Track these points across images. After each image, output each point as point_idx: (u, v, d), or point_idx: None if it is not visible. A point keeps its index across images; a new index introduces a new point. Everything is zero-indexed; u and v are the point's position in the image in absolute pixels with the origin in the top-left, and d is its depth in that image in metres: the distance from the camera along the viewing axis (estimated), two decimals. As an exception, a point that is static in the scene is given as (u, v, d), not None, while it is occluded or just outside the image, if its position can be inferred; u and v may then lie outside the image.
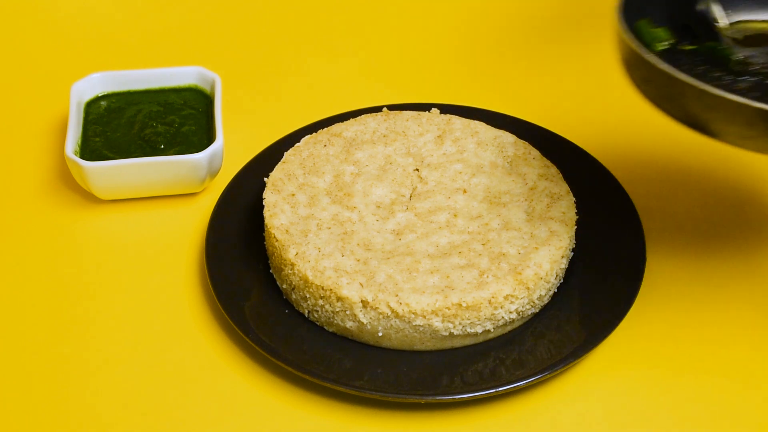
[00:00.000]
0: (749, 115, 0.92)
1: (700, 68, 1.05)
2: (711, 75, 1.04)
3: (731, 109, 0.92)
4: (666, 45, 1.07)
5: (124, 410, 1.04)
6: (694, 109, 0.95)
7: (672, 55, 1.07)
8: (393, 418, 1.03)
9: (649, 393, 1.04)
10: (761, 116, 0.91)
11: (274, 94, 1.42)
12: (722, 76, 1.04)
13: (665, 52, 1.07)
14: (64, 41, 1.49)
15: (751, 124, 0.92)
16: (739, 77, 1.04)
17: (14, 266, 1.19)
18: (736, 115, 0.92)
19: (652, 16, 1.09)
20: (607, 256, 1.13)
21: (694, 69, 1.05)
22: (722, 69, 1.05)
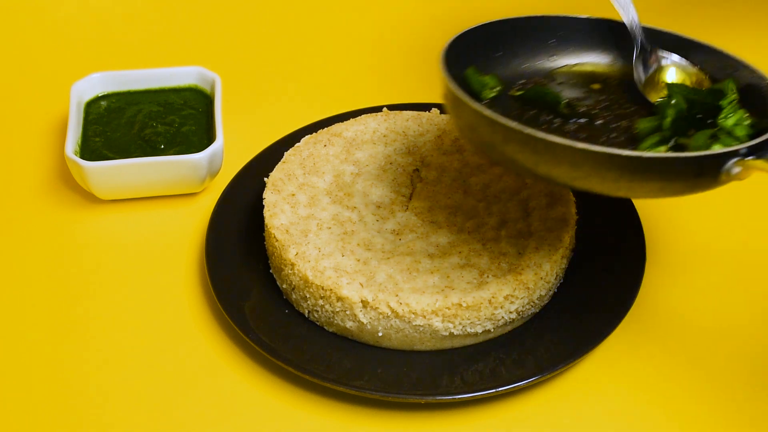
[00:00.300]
0: (573, 156, 0.94)
1: (529, 113, 1.08)
2: (540, 119, 1.07)
3: (556, 152, 0.94)
4: (495, 92, 1.10)
5: (124, 410, 1.04)
6: (519, 154, 0.97)
7: (502, 101, 1.10)
8: (393, 418, 1.03)
9: (649, 393, 1.04)
10: (584, 157, 0.93)
11: (274, 94, 1.42)
12: (552, 120, 1.07)
13: (495, 99, 1.10)
14: (64, 41, 1.49)
15: (576, 165, 0.94)
16: (568, 120, 1.07)
17: (14, 266, 1.19)
18: (561, 157, 0.94)
19: (478, 65, 1.11)
20: (607, 256, 1.13)
21: (524, 114, 1.08)
22: (552, 113, 1.08)
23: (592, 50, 1.16)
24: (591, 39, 1.16)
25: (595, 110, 1.09)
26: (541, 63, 1.16)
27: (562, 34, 1.15)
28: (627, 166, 0.93)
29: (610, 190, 0.96)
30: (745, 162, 0.95)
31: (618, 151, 0.93)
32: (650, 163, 0.93)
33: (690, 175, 0.95)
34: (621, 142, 1.03)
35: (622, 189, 0.96)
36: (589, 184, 0.96)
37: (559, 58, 1.16)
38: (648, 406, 1.03)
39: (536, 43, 1.15)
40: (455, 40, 1.09)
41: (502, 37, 1.14)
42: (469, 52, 1.10)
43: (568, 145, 0.93)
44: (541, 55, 1.16)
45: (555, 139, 0.93)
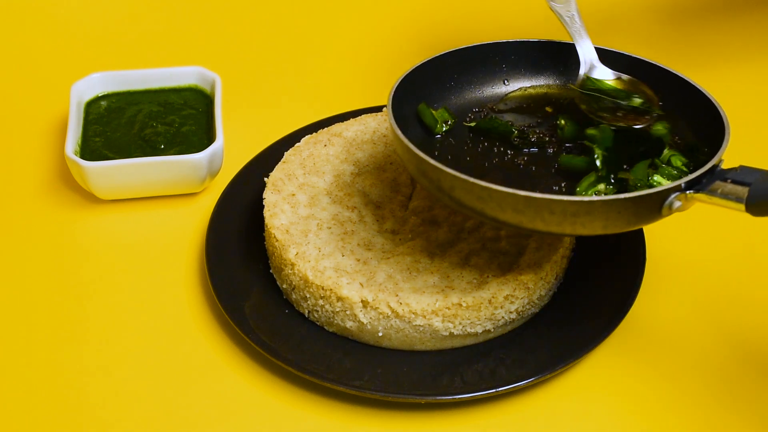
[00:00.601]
0: (516, 203, 0.97)
1: (483, 145, 1.11)
2: (494, 151, 1.10)
3: (500, 199, 0.97)
4: (448, 126, 1.13)
5: (124, 410, 1.04)
6: (465, 200, 1.00)
7: (456, 133, 1.13)
8: (393, 418, 1.03)
9: (649, 393, 1.04)
10: (527, 203, 0.96)
11: (274, 94, 1.42)
12: (505, 151, 1.10)
13: (450, 132, 1.13)
14: (64, 41, 1.49)
15: (519, 210, 0.97)
16: (521, 150, 1.10)
17: (14, 266, 1.19)
18: (505, 203, 0.97)
19: (432, 98, 1.15)
20: (607, 257, 1.13)
21: (477, 146, 1.11)
22: (504, 143, 1.11)
23: (543, 72, 1.19)
24: (542, 61, 1.19)
25: (546, 138, 1.11)
26: (494, 89, 1.18)
27: (513, 58, 1.18)
28: (568, 209, 0.96)
29: (556, 230, 0.99)
30: (686, 195, 0.97)
31: (558, 197, 0.96)
32: (591, 206, 0.96)
33: (631, 213, 0.97)
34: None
35: (567, 229, 0.98)
36: (534, 225, 0.98)
37: (511, 82, 1.19)
38: (648, 406, 1.03)
39: (488, 69, 1.18)
40: (405, 78, 1.11)
41: (454, 67, 1.16)
42: (422, 87, 1.14)
43: (510, 192, 0.96)
44: (494, 80, 1.18)
45: (497, 188, 0.96)
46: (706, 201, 0.97)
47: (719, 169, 0.99)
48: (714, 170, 0.98)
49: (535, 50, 1.18)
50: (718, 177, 0.97)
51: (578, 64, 1.16)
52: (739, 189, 0.95)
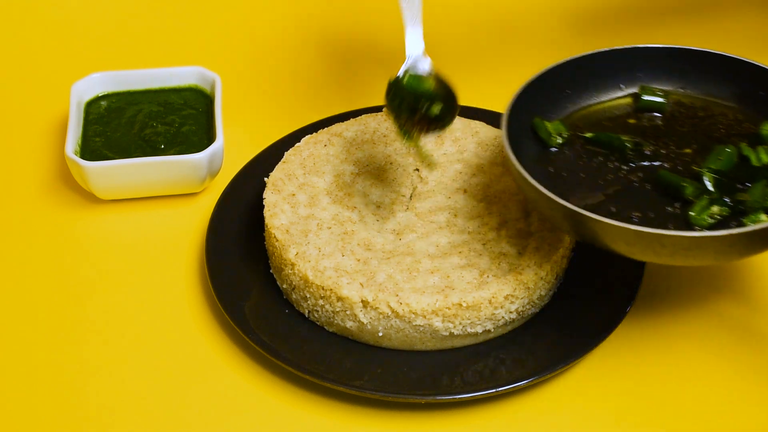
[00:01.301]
0: (627, 237, 0.96)
1: (597, 160, 1.10)
2: (607, 166, 1.09)
3: (611, 232, 0.97)
4: (562, 139, 1.12)
5: (124, 410, 1.04)
6: (577, 229, 1.01)
7: (570, 145, 1.12)
8: (393, 418, 1.03)
9: (649, 393, 1.04)
10: (638, 236, 0.96)
11: (274, 94, 1.42)
12: (619, 167, 1.09)
13: (564, 144, 1.12)
14: (64, 41, 1.49)
15: (631, 243, 0.97)
16: (636, 163, 1.08)
17: (14, 266, 1.19)
18: (616, 236, 0.97)
19: (546, 109, 1.14)
20: (608, 256, 1.13)
21: (591, 162, 1.09)
22: (619, 157, 1.10)
23: (659, 78, 1.17)
24: (660, 67, 1.17)
25: (660, 151, 1.09)
26: (609, 95, 1.17)
27: (628, 65, 1.17)
28: (679, 243, 0.95)
29: (668, 262, 0.98)
30: None
31: (669, 232, 0.95)
32: (702, 241, 0.95)
33: (743, 246, 0.97)
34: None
35: (678, 261, 0.98)
36: (646, 257, 0.98)
37: (627, 87, 1.17)
38: (648, 406, 1.03)
39: (604, 77, 1.17)
40: (521, 93, 1.11)
41: (567, 78, 1.15)
42: (537, 99, 1.13)
43: (622, 227, 0.95)
44: (609, 87, 1.17)
45: (609, 221, 0.96)
46: None
47: None
48: None
49: (653, 56, 1.17)
50: None
51: (693, 69, 1.15)
52: None
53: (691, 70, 1.16)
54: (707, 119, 1.14)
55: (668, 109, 1.15)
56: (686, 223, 1.01)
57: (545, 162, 1.10)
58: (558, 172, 1.09)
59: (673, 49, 1.17)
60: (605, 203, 1.03)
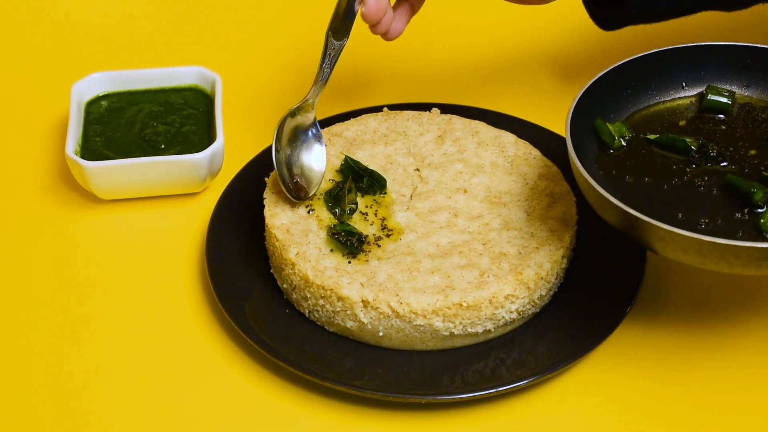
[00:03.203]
0: (700, 247, 0.95)
1: (660, 162, 1.08)
2: (672, 168, 1.07)
3: (682, 242, 0.95)
4: (624, 141, 1.10)
5: (124, 409, 1.04)
6: (645, 238, 0.99)
7: (634, 146, 1.10)
8: (393, 418, 1.03)
9: (649, 393, 1.04)
10: (711, 247, 0.94)
11: (275, 93, 1.42)
12: (684, 169, 1.07)
13: (628, 145, 1.10)
14: (64, 41, 1.49)
15: (703, 254, 0.95)
16: (700, 165, 1.07)
17: (14, 266, 1.19)
18: (687, 246, 0.95)
19: (608, 109, 1.12)
20: (608, 256, 1.13)
21: (655, 163, 1.08)
22: (683, 158, 1.08)
23: (724, 77, 1.15)
24: (724, 66, 1.15)
25: (726, 154, 1.08)
26: (672, 95, 1.15)
27: (691, 63, 1.15)
28: (754, 254, 0.94)
29: (741, 272, 0.97)
30: None
31: (742, 243, 0.93)
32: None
33: None
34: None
35: (752, 272, 0.96)
36: (719, 268, 0.97)
37: (690, 86, 1.15)
38: (648, 406, 1.03)
39: (666, 76, 1.15)
40: (583, 95, 1.09)
41: (629, 78, 1.13)
42: (599, 100, 1.11)
43: (694, 238, 0.94)
44: (672, 86, 1.15)
45: (681, 232, 0.94)
46: None
47: None
48: None
49: (716, 53, 1.15)
50: None
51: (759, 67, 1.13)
52: None
53: (757, 68, 1.14)
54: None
55: (734, 110, 1.13)
56: (757, 230, 0.99)
57: (608, 165, 1.08)
58: (621, 175, 1.07)
59: (738, 46, 1.14)
60: (672, 209, 1.01)
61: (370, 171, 1.17)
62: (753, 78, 1.15)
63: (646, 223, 0.96)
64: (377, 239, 1.11)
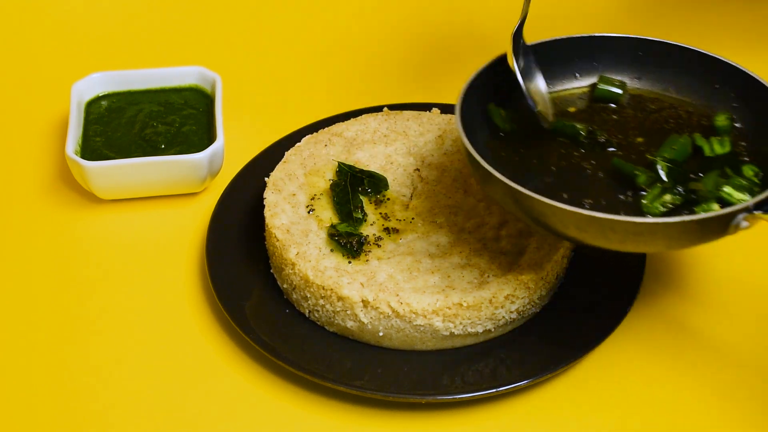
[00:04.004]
0: (579, 222, 0.96)
1: (549, 146, 1.09)
2: (561, 152, 1.09)
3: (563, 216, 0.97)
4: (514, 125, 1.12)
5: (124, 409, 1.04)
6: (529, 213, 1.00)
7: (525, 132, 1.11)
8: (393, 418, 1.03)
9: (649, 393, 1.04)
10: (589, 222, 0.96)
11: (275, 93, 1.42)
12: (572, 153, 1.08)
13: (518, 130, 1.11)
14: (64, 41, 1.49)
15: (582, 228, 0.97)
16: (590, 149, 1.08)
17: (14, 266, 1.19)
18: (568, 221, 0.97)
19: (501, 96, 1.13)
20: (608, 256, 1.13)
21: (544, 147, 1.09)
22: (573, 143, 1.09)
23: (616, 68, 1.17)
24: (616, 57, 1.17)
25: (614, 140, 1.09)
26: (564, 84, 1.17)
27: (585, 53, 1.16)
28: (630, 229, 0.95)
29: (619, 247, 0.98)
30: (754, 215, 0.96)
31: (621, 218, 0.95)
32: (654, 227, 0.95)
33: (696, 234, 0.96)
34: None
35: (629, 247, 0.98)
36: (598, 242, 0.98)
37: (583, 76, 1.17)
38: (648, 406, 1.03)
39: (559, 65, 1.16)
40: (473, 80, 1.11)
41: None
42: (490, 86, 1.12)
43: (574, 211, 0.95)
44: (565, 76, 1.17)
45: (561, 206, 0.96)
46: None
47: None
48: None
49: (609, 45, 1.16)
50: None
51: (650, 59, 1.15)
52: None
53: (648, 61, 1.16)
54: (663, 110, 1.14)
55: (624, 100, 1.15)
56: (638, 211, 1.01)
57: (498, 147, 1.09)
58: (510, 157, 1.08)
59: (631, 39, 1.16)
60: (557, 189, 1.03)
61: (369, 172, 1.17)
62: (644, 70, 1.16)
63: (528, 197, 0.97)
64: (377, 239, 1.11)
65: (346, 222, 1.12)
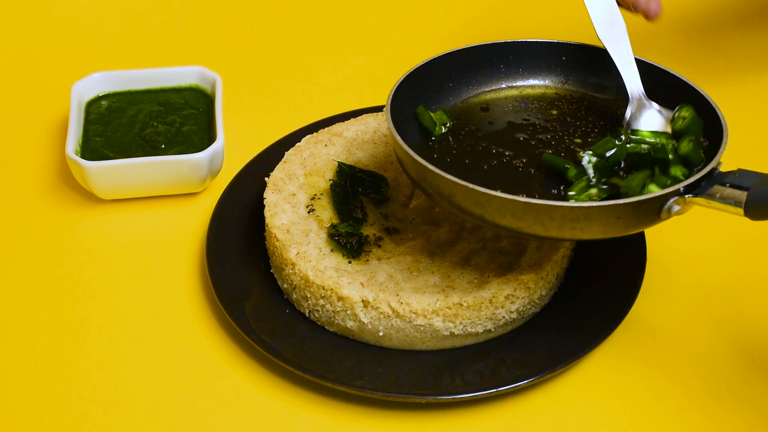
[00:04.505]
0: (515, 209, 0.97)
1: (480, 146, 1.11)
2: (492, 151, 1.10)
3: (499, 205, 0.98)
4: (446, 128, 1.13)
5: (124, 409, 1.04)
6: (465, 206, 1.01)
7: (455, 135, 1.13)
8: (393, 418, 1.03)
9: (649, 393, 1.04)
10: (525, 208, 0.97)
11: (275, 93, 1.42)
12: (503, 152, 1.10)
13: (448, 134, 1.13)
14: (64, 41, 1.49)
15: (518, 216, 0.98)
16: (516, 150, 1.10)
17: (15, 266, 1.19)
18: (504, 209, 0.98)
19: (430, 98, 1.15)
20: (608, 256, 1.13)
21: (475, 148, 1.11)
22: (501, 144, 1.11)
23: (542, 72, 1.19)
24: (540, 61, 1.19)
25: (544, 139, 1.11)
26: (492, 89, 1.19)
27: (511, 59, 1.19)
28: (567, 215, 0.96)
29: (555, 235, 0.99)
30: (684, 200, 0.97)
31: (557, 203, 0.96)
32: (590, 211, 0.96)
33: (630, 217, 0.98)
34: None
35: (567, 234, 0.99)
36: (534, 230, 0.99)
37: (509, 82, 1.19)
38: (648, 406, 1.03)
39: (487, 70, 1.18)
40: (404, 81, 1.12)
41: (452, 69, 1.17)
42: (421, 89, 1.14)
43: (509, 199, 0.97)
44: (492, 81, 1.19)
45: (496, 194, 0.97)
46: (705, 205, 0.97)
47: (718, 172, 0.99)
48: (712, 174, 0.98)
49: (534, 50, 1.19)
50: (716, 181, 0.97)
51: (575, 63, 1.17)
52: (738, 193, 0.95)
53: (571, 64, 1.18)
54: (590, 109, 1.15)
55: (551, 101, 1.17)
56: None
57: (429, 150, 1.10)
58: (442, 158, 1.09)
59: (551, 43, 1.18)
60: (490, 186, 1.02)
61: (369, 172, 1.17)
62: (569, 73, 1.19)
63: (464, 187, 0.98)
64: (377, 239, 1.11)
65: (346, 222, 1.12)
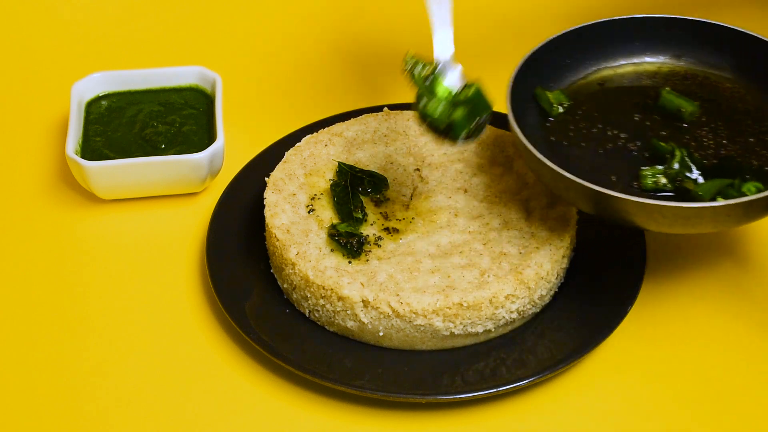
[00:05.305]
0: (627, 207, 1.00)
1: (596, 127, 1.13)
2: (606, 134, 1.12)
3: (612, 202, 1.01)
4: (563, 108, 1.15)
5: (124, 409, 1.04)
6: (578, 199, 1.04)
7: (572, 114, 1.15)
8: (393, 418, 1.03)
9: (649, 393, 1.04)
10: (638, 207, 1.00)
11: (275, 93, 1.42)
12: (618, 135, 1.12)
13: (566, 113, 1.15)
14: (64, 41, 1.49)
15: (630, 214, 1.01)
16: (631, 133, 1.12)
17: (14, 266, 1.19)
18: (617, 206, 1.01)
19: (549, 79, 1.17)
20: (608, 256, 1.13)
21: (591, 130, 1.13)
22: (617, 125, 1.13)
23: (656, 48, 1.20)
24: (656, 37, 1.20)
25: (654, 115, 1.13)
26: (609, 64, 1.20)
27: (628, 34, 1.19)
28: (679, 214, 0.99)
29: (667, 230, 1.02)
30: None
31: (669, 204, 0.99)
32: (701, 211, 0.99)
33: (741, 215, 1.01)
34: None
35: (678, 230, 1.02)
36: (648, 225, 1.02)
37: (626, 58, 1.20)
38: (648, 406, 1.03)
39: (604, 46, 1.20)
40: (524, 65, 1.14)
41: (568, 48, 1.18)
42: (538, 70, 1.15)
43: (624, 198, 0.99)
44: (609, 57, 1.20)
45: (611, 193, 1.00)
46: None
47: None
48: None
49: (652, 25, 1.19)
50: None
51: (690, 39, 1.18)
52: None
53: (688, 40, 1.19)
54: (703, 87, 1.16)
55: (666, 77, 1.17)
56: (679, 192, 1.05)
57: (547, 131, 1.13)
58: (559, 141, 1.12)
59: (669, 18, 1.19)
60: (605, 172, 1.06)
61: (369, 172, 1.17)
62: (683, 48, 1.19)
63: (580, 185, 1.01)
64: (377, 239, 1.11)
65: (346, 222, 1.12)
